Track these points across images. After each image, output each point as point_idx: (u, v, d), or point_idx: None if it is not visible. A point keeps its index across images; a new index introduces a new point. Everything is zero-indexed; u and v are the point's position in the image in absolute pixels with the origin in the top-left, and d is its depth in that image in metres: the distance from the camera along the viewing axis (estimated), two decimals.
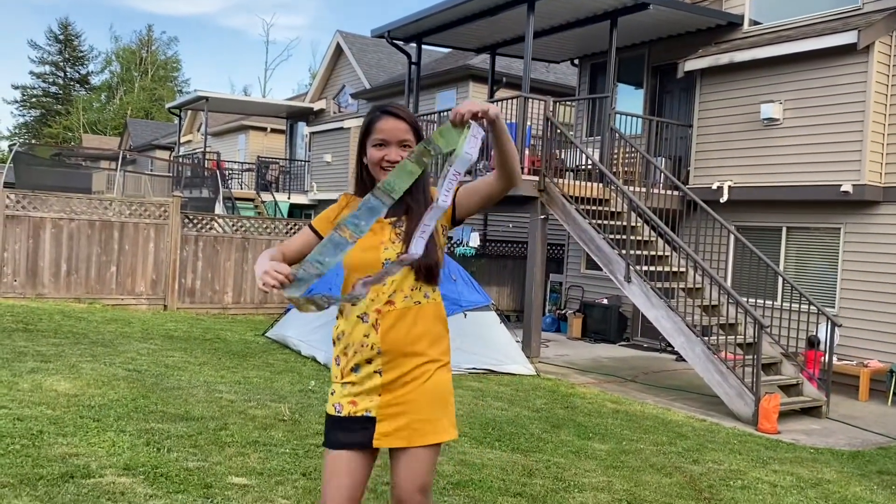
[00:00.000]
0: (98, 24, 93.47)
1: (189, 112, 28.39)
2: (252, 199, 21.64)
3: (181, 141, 27.02)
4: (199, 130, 29.90)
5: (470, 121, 1.95)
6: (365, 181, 2.32)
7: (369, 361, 2.21)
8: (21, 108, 58.64)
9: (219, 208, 18.40)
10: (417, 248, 2.03)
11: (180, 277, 12.59)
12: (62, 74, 58.17)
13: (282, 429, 5.20)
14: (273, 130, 26.28)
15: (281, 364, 8.17)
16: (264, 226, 13.62)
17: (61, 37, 57.31)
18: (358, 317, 2.22)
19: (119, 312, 11.35)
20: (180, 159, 24.07)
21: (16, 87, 58.37)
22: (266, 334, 10.23)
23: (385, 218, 2.22)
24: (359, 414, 2.22)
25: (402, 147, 2.25)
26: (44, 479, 3.61)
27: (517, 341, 9.27)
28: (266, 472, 4.15)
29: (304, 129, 23.21)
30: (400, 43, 13.12)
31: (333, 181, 20.44)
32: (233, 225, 13.29)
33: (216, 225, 13.17)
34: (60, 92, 57.85)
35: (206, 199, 19.47)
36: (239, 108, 25.03)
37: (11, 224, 11.42)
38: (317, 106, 22.20)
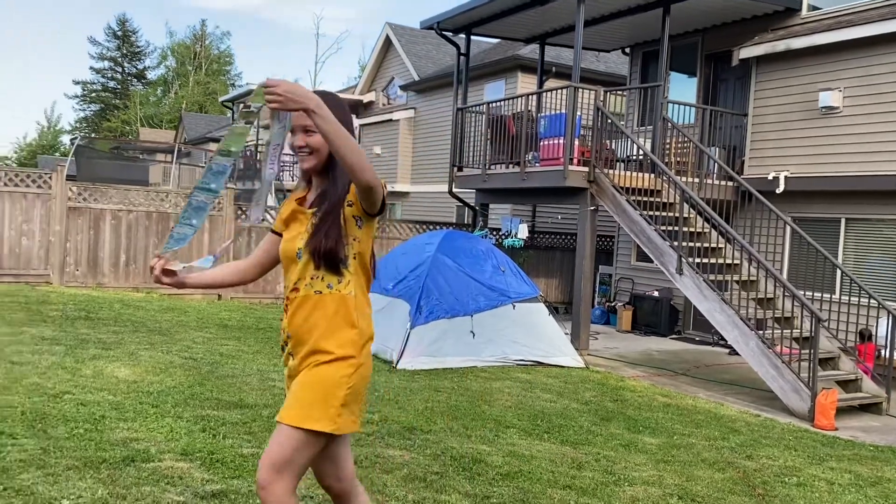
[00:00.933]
0: (154, 19, 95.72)
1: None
2: None
3: None
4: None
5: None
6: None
7: (285, 344, 2.35)
8: (82, 103, 60.50)
9: (270, 200, 18.71)
10: (253, 213, 2.29)
11: None
12: (120, 70, 59.77)
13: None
14: None
15: None
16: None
17: (119, 33, 58.86)
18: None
19: (175, 302, 11.64)
20: None
21: (77, 83, 60.11)
22: None
23: (308, 208, 2.32)
24: (287, 391, 2.40)
25: (306, 133, 2.31)
26: (106, 463, 3.75)
27: (566, 333, 9.22)
28: None
29: (354, 121, 23.40)
30: (449, 34, 13.11)
31: (383, 172, 20.58)
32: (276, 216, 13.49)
33: (268, 216, 13.39)
34: (119, 87, 59.46)
35: (259, 190, 19.81)
36: None
37: (74, 215, 11.81)
38: (366, 98, 22.35)
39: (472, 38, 13.36)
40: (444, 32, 13.03)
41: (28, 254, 11.56)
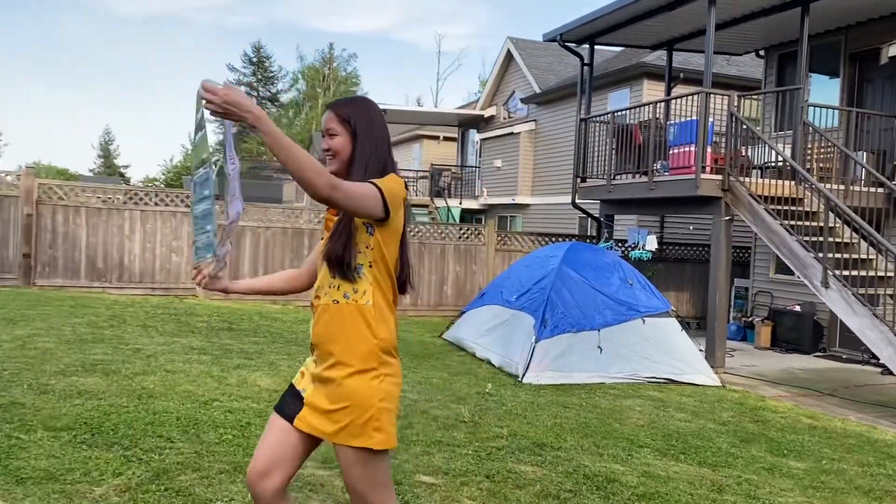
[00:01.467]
0: (286, 45, 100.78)
1: None
2: (426, 205, 22.36)
3: None
4: None
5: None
6: None
7: (313, 347, 2.33)
8: (221, 127, 64.37)
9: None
10: (232, 209, 2.20)
11: None
12: (255, 94, 63.27)
13: (463, 430, 5.32)
14: (445, 138, 27.00)
15: (458, 365, 8.36)
16: (438, 231, 14.02)
17: (254, 59, 62.42)
18: None
19: (308, 314, 12.10)
20: None
21: None
22: (443, 336, 10.51)
23: (335, 214, 2.32)
24: (298, 387, 2.36)
25: (329, 136, 2.34)
26: None
27: (700, 350, 8.86)
28: (451, 471, 4.27)
29: (475, 135, 23.64)
30: (572, 45, 13.00)
31: (504, 186, 20.64)
32: (409, 230, 13.80)
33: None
34: None
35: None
36: (414, 118, 25.96)
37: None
38: (487, 113, 22.53)
39: (596, 47, 13.20)
40: (566, 44, 12.94)
41: (177, 269, 12.41)
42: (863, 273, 8.22)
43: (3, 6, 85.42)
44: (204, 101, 1.93)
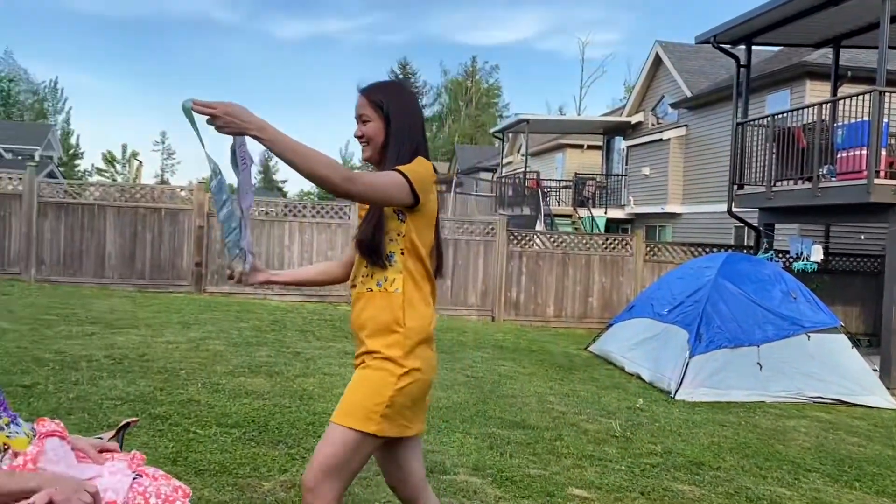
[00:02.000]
0: (431, 60, 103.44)
1: (510, 135, 29.95)
2: (570, 215, 22.10)
3: (503, 162, 28.58)
4: (519, 151, 31.41)
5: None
6: None
7: (354, 335, 2.32)
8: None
9: (539, 225, 19.10)
10: (244, 202, 2.19)
11: (506, 291, 13.29)
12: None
13: (615, 445, 5.19)
14: (589, 147, 26.60)
15: (606, 379, 8.18)
16: (583, 241, 13.81)
17: (401, 75, 64.45)
18: None
19: (453, 322, 12.32)
20: (503, 180, 25.43)
21: None
22: (588, 348, 10.33)
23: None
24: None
25: (362, 122, 2.30)
26: None
27: (873, 369, 8.16)
28: (604, 486, 4.17)
29: (620, 143, 23.13)
30: (727, 46, 12.43)
31: (652, 194, 20.03)
32: (553, 241, 13.70)
33: (537, 241, 13.68)
34: None
35: (526, 216, 20.35)
36: (557, 127, 25.80)
37: None
38: (634, 119, 21.98)
39: (753, 47, 12.54)
40: (720, 45, 12.39)
41: None
42: None
43: (174, 36, 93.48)
44: (206, 118, 1.94)
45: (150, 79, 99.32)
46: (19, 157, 31.19)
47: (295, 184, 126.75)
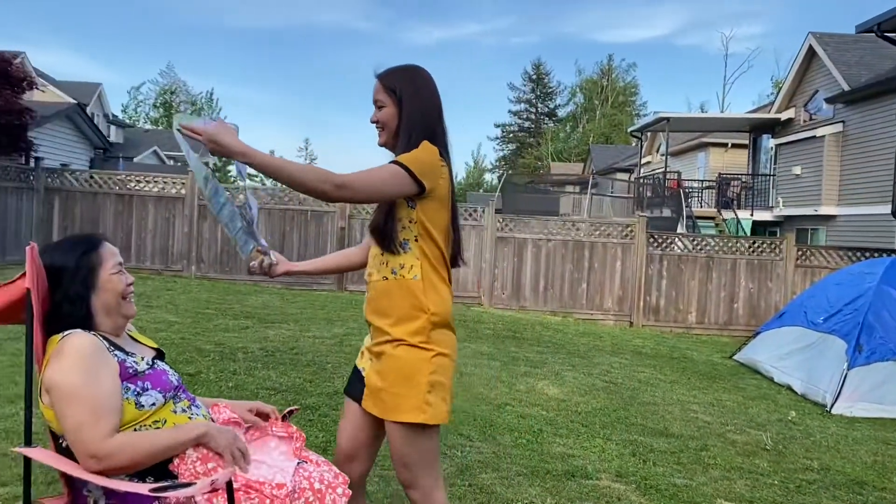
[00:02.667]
0: (565, 60, 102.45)
1: (648, 134, 29.11)
2: (713, 218, 21.18)
3: (641, 162, 27.82)
4: (657, 151, 30.46)
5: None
6: None
7: (369, 325, 2.30)
8: (500, 144, 67.31)
9: (680, 227, 18.44)
10: (252, 207, 2.27)
11: (645, 295, 12.93)
12: (534, 110, 65.12)
13: (765, 458, 4.93)
14: (734, 146, 25.38)
15: (753, 389, 7.78)
16: (728, 244, 13.19)
17: (534, 76, 64.26)
18: None
19: (589, 326, 12.13)
20: (641, 181, 24.77)
21: (497, 126, 67.19)
22: (734, 357, 9.86)
23: None
24: (360, 366, 2.35)
25: (377, 107, 2.28)
26: (550, 474, 4.03)
27: None
28: (756, 500, 3.97)
29: (768, 141, 21.90)
30: (893, 35, 11.49)
31: (803, 195, 18.83)
32: (695, 244, 13.18)
33: (679, 244, 13.21)
34: (532, 126, 64.79)
35: (666, 218, 19.69)
36: (699, 125, 24.80)
37: (500, 244, 13.12)
38: (783, 116, 20.75)
39: None
40: (885, 34, 11.47)
41: (464, 278, 13.16)
42: None
43: (318, 47, 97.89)
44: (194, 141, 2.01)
45: (294, 88, 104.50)
46: (179, 164, 33.75)
47: None
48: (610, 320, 12.95)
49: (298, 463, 2.07)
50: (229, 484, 1.78)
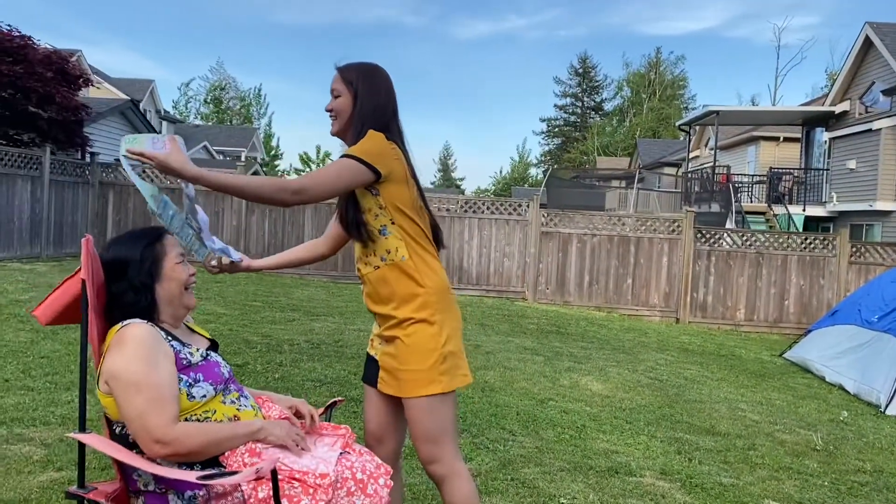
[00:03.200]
0: (612, 53, 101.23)
1: (697, 128, 28.57)
2: (763, 213, 20.72)
3: (689, 157, 27.34)
4: (706, 145, 29.90)
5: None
6: None
7: (374, 315, 2.36)
8: (546, 138, 66.80)
9: (729, 223, 18.08)
10: (200, 218, 2.27)
11: (692, 291, 12.73)
12: (580, 104, 64.44)
13: (815, 458, 4.82)
14: (786, 139, 24.75)
15: (803, 389, 7.61)
16: (779, 240, 12.89)
17: (580, 70, 63.59)
18: None
19: (634, 322, 11.99)
20: (689, 175, 24.36)
21: (543, 120, 66.69)
22: (783, 355, 9.65)
23: None
24: (371, 353, 2.44)
25: (333, 96, 2.33)
26: (593, 470, 4.00)
27: None
28: (805, 501, 3.89)
29: (822, 135, 21.31)
30: None
31: (858, 190, 18.28)
32: (745, 239, 12.91)
33: (728, 239, 12.96)
34: (578, 120, 64.15)
35: (714, 213, 19.33)
36: (749, 118, 24.26)
37: (545, 239, 13.05)
38: (838, 108, 20.15)
39: None
40: None
41: (508, 273, 13.13)
42: None
43: (365, 42, 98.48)
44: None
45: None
46: (228, 158, 34.36)
47: (473, 181, 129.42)
48: (656, 316, 12.78)
49: (341, 453, 2.10)
50: (274, 473, 1.81)
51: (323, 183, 2.13)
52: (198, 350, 2.09)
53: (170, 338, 2.04)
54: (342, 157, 2.20)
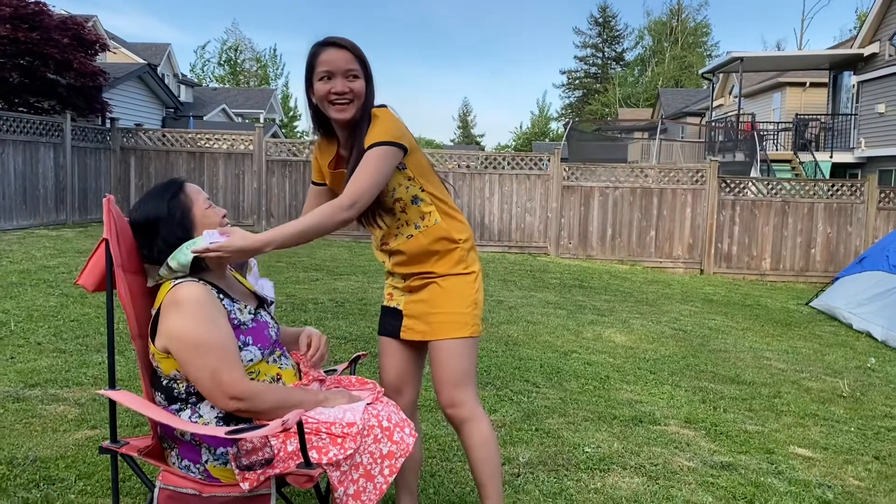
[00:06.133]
0: (633, 2, 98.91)
1: (720, 76, 27.98)
2: (789, 161, 20.38)
3: (713, 106, 26.84)
4: (730, 93, 29.32)
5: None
6: (321, 120, 2.31)
7: (403, 277, 2.39)
8: (566, 91, 65.87)
9: (754, 172, 17.80)
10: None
11: (716, 242, 12.61)
12: (600, 55, 63.31)
13: (842, 405, 4.80)
14: (812, 85, 24.17)
15: (830, 336, 7.55)
16: (805, 188, 12.69)
17: (600, 20, 62.31)
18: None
19: (657, 274, 11.93)
20: (713, 124, 23.96)
21: (563, 73, 65.78)
22: (810, 304, 9.57)
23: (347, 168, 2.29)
24: (391, 305, 2.45)
25: (348, 77, 2.18)
26: (617, 419, 4.02)
27: None
28: (831, 447, 3.88)
29: (850, 79, 20.77)
30: None
31: (888, 135, 17.86)
32: (770, 188, 12.72)
33: (752, 188, 12.78)
34: (599, 71, 63.10)
35: (739, 162, 19.03)
36: (775, 64, 23.68)
37: (567, 193, 12.95)
38: (867, 51, 19.58)
39: None
40: None
41: (530, 228, 13.08)
42: None
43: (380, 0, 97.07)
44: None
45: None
46: (246, 121, 34.33)
47: (493, 137, 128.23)
48: (679, 268, 12.71)
49: (368, 403, 2.12)
50: (300, 425, 1.84)
51: (370, 183, 2.12)
52: (246, 307, 2.09)
53: (221, 295, 2.04)
54: (371, 149, 2.15)
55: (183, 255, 2.01)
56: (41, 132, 11.55)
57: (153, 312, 2.03)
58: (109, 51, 18.33)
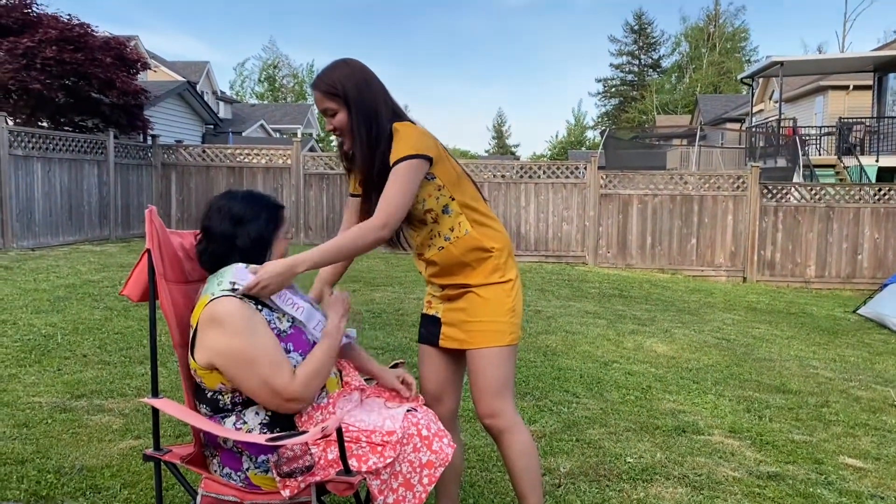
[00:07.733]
0: (668, 8, 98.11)
1: (760, 80, 27.53)
2: (833, 165, 19.92)
3: (752, 111, 26.43)
4: (770, 98, 28.84)
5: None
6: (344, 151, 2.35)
7: (440, 287, 2.38)
8: (602, 99, 65.45)
9: (797, 177, 17.46)
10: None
11: (759, 249, 12.38)
12: (637, 62, 62.83)
13: (893, 414, 4.65)
14: (856, 88, 23.65)
15: (879, 345, 7.34)
16: (850, 193, 12.39)
17: (636, 27, 61.89)
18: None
19: (699, 283, 11.74)
20: (753, 130, 23.58)
21: (598, 81, 65.32)
22: (858, 311, 9.32)
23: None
24: (430, 313, 2.43)
25: (328, 116, 2.23)
26: (660, 430, 3.95)
27: None
28: (883, 458, 3.76)
29: (895, 81, 20.26)
30: None
31: None
32: (814, 193, 12.45)
33: (795, 194, 12.52)
34: (635, 79, 62.60)
35: (781, 168, 18.68)
36: (817, 68, 23.21)
37: (605, 202, 12.84)
38: None
39: None
40: None
41: (567, 237, 13.00)
42: None
43: (412, 14, 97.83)
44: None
45: (389, 56, 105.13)
46: (284, 136, 34.80)
47: (527, 147, 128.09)
48: (722, 276, 12.49)
49: (408, 410, 2.12)
50: (339, 432, 1.84)
51: (400, 201, 2.14)
52: (285, 315, 2.10)
53: (259, 306, 2.06)
54: (396, 165, 2.15)
55: (226, 281, 2.03)
56: (86, 150, 11.85)
57: (192, 326, 2.05)
58: (150, 69, 18.76)
